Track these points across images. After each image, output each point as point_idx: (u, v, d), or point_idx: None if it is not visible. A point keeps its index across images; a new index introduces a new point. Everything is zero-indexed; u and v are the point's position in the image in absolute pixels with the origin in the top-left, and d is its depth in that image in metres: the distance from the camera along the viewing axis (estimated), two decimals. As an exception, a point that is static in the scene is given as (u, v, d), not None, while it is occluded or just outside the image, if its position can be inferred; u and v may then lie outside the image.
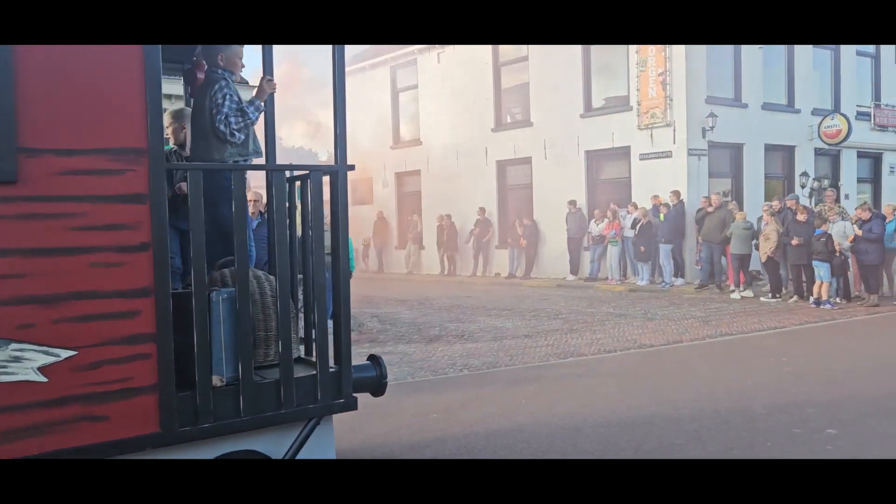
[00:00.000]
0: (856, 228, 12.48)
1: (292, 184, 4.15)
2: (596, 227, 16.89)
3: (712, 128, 15.79)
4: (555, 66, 17.86)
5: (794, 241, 12.60)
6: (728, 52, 16.59)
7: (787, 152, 17.87)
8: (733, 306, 12.73)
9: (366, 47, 23.66)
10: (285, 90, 26.69)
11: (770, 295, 13.33)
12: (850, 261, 12.85)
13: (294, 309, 3.88)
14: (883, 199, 18.59)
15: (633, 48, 16.44)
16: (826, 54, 18.65)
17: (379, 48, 22.67)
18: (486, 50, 19.46)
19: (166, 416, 3.17)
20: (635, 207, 15.98)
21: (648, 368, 8.00)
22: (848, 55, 18.93)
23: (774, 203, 14.08)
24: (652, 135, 16.30)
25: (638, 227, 15.53)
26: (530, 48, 18.45)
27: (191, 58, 4.71)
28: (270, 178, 4.04)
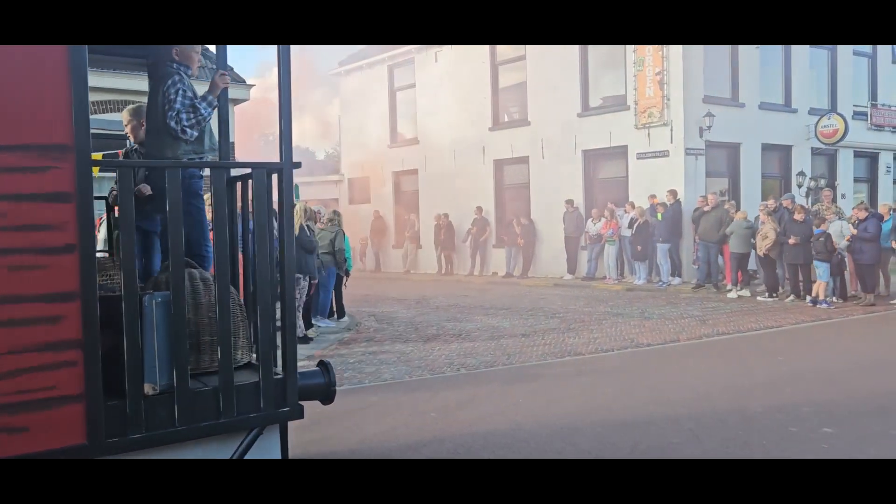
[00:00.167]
0: (852, 228, 12.51)
1: (245, 183, 3.97)
2: (593, 227, 16.91)
3: (709, 127, 15.81)
4: (552, 65, 17.86)
5: (791, 241, 12.62)
6: (725, 52, 16.61)
7: (784, 152, 17.90)
8: (730, 305, 12.75)
9: (363, 46, 23.63)
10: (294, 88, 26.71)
11: (767, 294, 13.35)
12: (847, 260, 12.88)
13: (242, 312, 3.71)
14: (879, 198, 18.64)
15: (630, 47, 16.45)
16: (823, 54, 18.68)
17: (377, 47, 22.65)
18: (483, 49, 19.45)
19: (93, 427, 2.99)
20: (632, 207, 16.00)
21: (645, 367, 8.01)
22: (845, 55, 18.97)
23: (770, 202, 14.11)
24: (649, 134, 16.32)
25: (635, 227, 15.55)
26: (528, 47, 18.46)
27: (155, 52, 4.55)
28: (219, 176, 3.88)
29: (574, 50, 17.38)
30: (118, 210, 3.22)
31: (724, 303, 13.12)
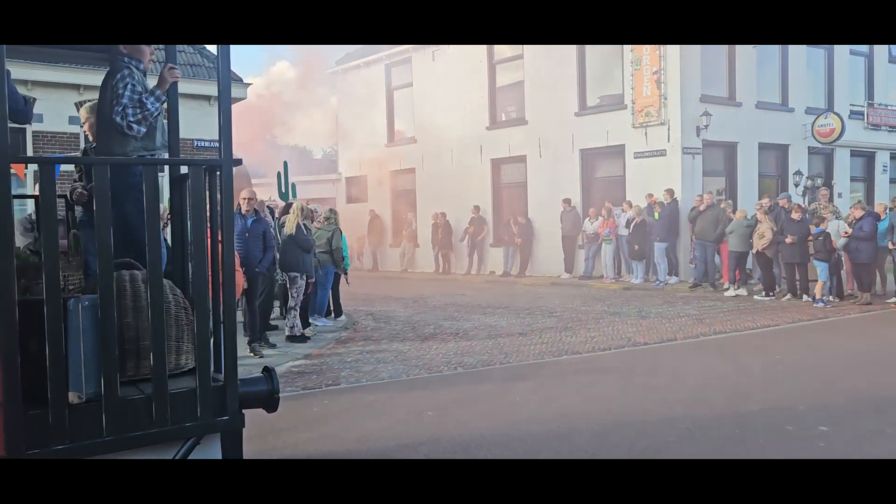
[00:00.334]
0: (847, 227, 12.55)
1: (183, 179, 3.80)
2: (590, 226, 16.92)
3: (706, 126, 15.83)
4: (550, 64, 17.87)
5: (787, 240, 12.65)
6: (722, 51, 16.64)
7: (781, 151, 17.93)
8: (727, 304, 12.77)
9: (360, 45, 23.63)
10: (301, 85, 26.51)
11: (763, 293, 13.38)
12: (844, 259, 12.92)
13: (189, 315, 3.51)
14: (876, 197, 18.68)
15: (627, 46, 16.46)
16: (820, 53, 18.71)
17: (375, 45, 22.64)
18: (481, 48, 19.45)
19: (11, 438, 2.83)
20: (630, 206, 16.01)
21: (642, 366, 8.02)
22: (841, 54, 19.01)
23: (764, 201, 14.15)
24: (646, 133, 16.34)
25: (632, 226, 15.57)
26: (525, 46, 18.47)
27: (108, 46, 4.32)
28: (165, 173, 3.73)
29: (571, 49, 17.39)
30: (42, 207, 3.01)
31: (720, 302, 13.14)
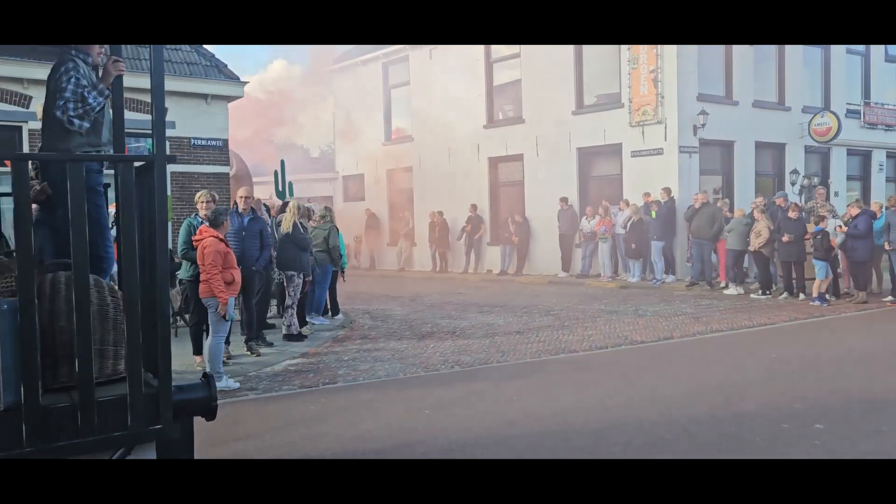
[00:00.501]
0: (841, 225, 12.59)
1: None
2: (587, 224, 16.94)
3: (703, 125, 15.85)
4: (547, 63, 17.87)
5: (784, 238, 12.68)
6: (719, 50, 16.65)
7: (778, 150, 17.96)
8: (724, 303, 12.80)
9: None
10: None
11: (760, 292, 13.40)
12: (840, 258, 12.94)
13: (117, 316, 3.36)
14: (872, 196, 18.73)
15: (624, 45, 16.47)
16: (816, 52, 18.74)
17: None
18: (478, 47, 19.44)
19: None
20: (627, 204, 16.03)
21: (639, 365, 8.04)
22: (838, 53, 19.04)
23: (759, 200, 14.17)
24: (643, 132, 16.35)
25: (629, 224, 15.59)
26: (522, 45, 18.47)
27: None
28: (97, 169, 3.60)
29: (568, 48, 17.39)
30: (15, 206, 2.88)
31: (717, 300, 13.17)
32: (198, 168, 12.46)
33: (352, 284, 12.72)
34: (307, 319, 10.52)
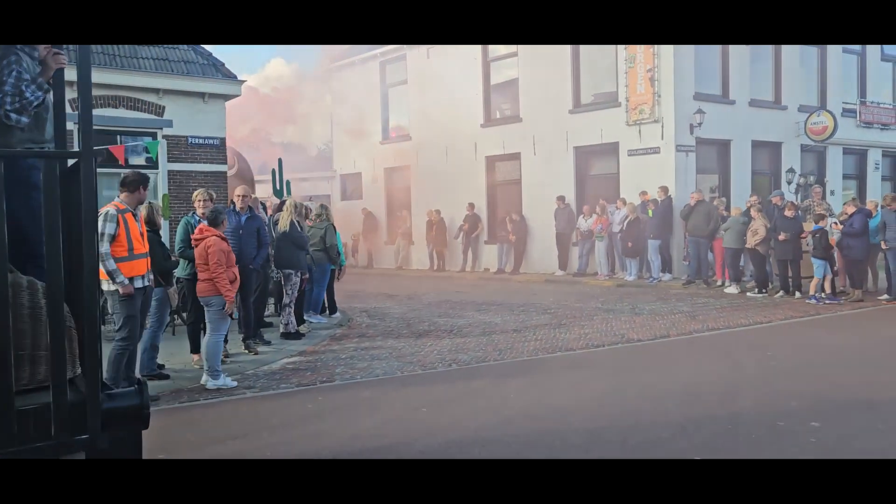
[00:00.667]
0: (836, 222, 12.63)
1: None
2: (584, 223, 16.97)
3: (700, 124, 15.89)
4: (544, 62, 17.89)
5: (780, 237, 12.71)
6: (716, 49, 16.69)
7: (774, 149, 18.01)
8: (720, 301, 12.83)
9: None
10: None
11: (756, 290, 13.44)
12: (836, 256, 12.98)
13: (43, 317, 3.14)
14: (868, 195, 18.77)
15: (621, 45, 16.50)
16: (812, 52, 18.78)
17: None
18: (475, 46, 19.46)
19: None
20: (624, 203, 16.06)
21: (636, 363, 8.06)
22: (834, 53, 19.08)
23: (753, 198, 14.21)
24: (640, 131, 16.38)
25: (626, 223, 15.61)
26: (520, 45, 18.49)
27: None
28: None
29: (565, 47, 17.41)
30: None
31: (714, 299, 13.20)
32: (195, 167, 12.45)
33: (349, 283, 12.73)
34: (305, 318, 10.53)
